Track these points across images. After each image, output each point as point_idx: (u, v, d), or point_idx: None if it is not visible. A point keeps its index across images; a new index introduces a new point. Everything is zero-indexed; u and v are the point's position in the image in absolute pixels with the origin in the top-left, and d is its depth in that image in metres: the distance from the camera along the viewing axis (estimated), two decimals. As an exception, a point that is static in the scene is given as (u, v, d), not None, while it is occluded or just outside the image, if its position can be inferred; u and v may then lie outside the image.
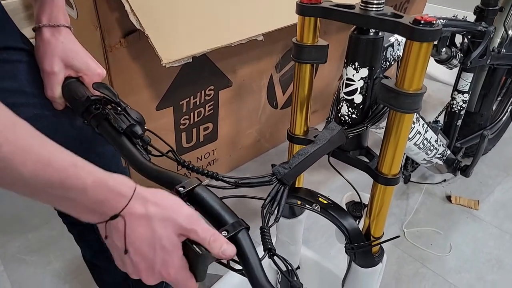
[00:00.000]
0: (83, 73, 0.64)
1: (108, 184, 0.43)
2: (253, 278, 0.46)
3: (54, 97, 0.63)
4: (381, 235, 0.73)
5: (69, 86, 0.64)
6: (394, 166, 0.64)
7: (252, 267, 0.46)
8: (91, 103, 0.62)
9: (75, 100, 0.64)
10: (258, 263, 0.47)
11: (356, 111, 0.67)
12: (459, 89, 1.24)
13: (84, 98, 0.62)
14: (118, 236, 0.44)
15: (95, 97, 0.62)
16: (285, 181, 0.62)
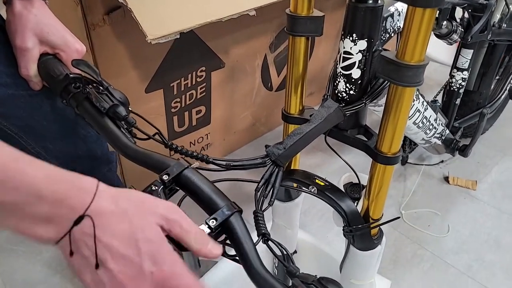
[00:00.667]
0: (60, 49, 0.60)
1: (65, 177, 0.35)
2: (248, 264, 0.43)
3: (29, 75, 0.59)
4: (380, 216, 0.71)
5: (45, 64, 0.60)
6: (394, 144, 0.61)
7: (246, 252, 0.43)
8: (70, 81, 0.58)
9: (53, 79, 0.59)
10: (253, 248, 0.44)
11: (354, 87, 0.63)
12: (459, 67, 1.20)
13: (62, 76, 0.58)
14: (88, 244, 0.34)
15: (75, 75, 0.58)
16: (279, 162, 0.59)
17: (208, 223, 0.44)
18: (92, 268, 0.35)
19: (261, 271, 0.43)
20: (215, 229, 0.44)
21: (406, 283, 1.15)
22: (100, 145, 0.75)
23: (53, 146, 0.68)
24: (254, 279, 0.43)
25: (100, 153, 0.76)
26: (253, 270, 0.43)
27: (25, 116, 0.63)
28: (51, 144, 0.68)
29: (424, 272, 1.19)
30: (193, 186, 0.48)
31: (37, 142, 0.66)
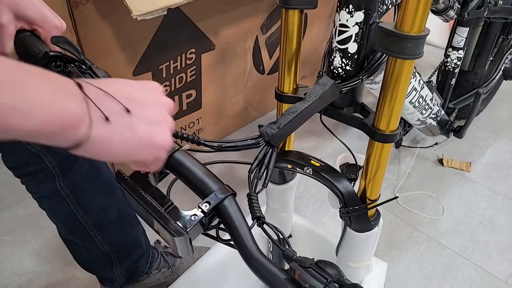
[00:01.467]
0: (39, 25, 0.56)
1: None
2: (243, 248, 0.41)
3: (5, 53, 0.55)
4: (377, 197, 0.69)
5: (23, 41, 0.56)
6: (392, 121, 0.59)
7: (241, 236, 0.41)
8: (50, 59, 0.54)
9: (31, 57, 0.56)
10: (248, 231, 0.42)
11: (350, 62, 0.60)
12: (454, 46, 1.18)
13: (42, 54, 0.54)
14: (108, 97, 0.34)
15: (55, 52, 0.55)
16: (273, 142, 0.56)
17: (201, 207, 0.42)
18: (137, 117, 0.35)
19: (257, 255, 0.40)
20: (209, 213, 0.42)
21: (402, 265, 1.15)
22: None
23: None
24: (250, 264, 0.41)
25: None
26: (249, 255, 0.40)
27: None
28: None
29: (419, 253, 1.18)
30: (184, 169, 0.46)
31: None
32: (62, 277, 1.13)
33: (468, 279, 1.12)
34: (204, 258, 0.88)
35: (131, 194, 0.43)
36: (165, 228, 0.40)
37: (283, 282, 0.39)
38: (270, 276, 0.39)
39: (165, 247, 1.09)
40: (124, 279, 0.96)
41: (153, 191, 0.42)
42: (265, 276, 0.40)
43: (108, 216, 0.85)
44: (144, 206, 0.41)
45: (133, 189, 0.42)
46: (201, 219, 0.41)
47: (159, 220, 0.40)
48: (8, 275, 1.13)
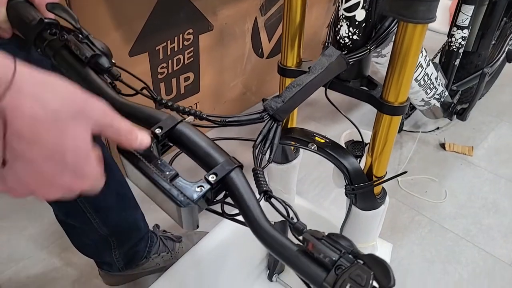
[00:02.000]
0: None
1: None
2: (252, 220, 0.39)
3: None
4: (384, 174, 0.67)
5: (15, 7, 0.53)
6: (402, 92, 0.56)
7: (250, 209, 0.39)
8: (45, 27, 0.51)
9: (25, 24, 0.53)
10: (256, 203, 0.39)
11: (357, 31, 0.58)
12: (459, 25, 1.15)
13: (36, 21, 0.52)
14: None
15: (50, 20, 0.52)
16: (278, 117, 0.54)
17: (207, 178, 0.40)
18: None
19: (268, 228, 0.38)
20: (216, 184, 0.39)
21: (405, 248, 1.13)
22: None
23: None
24: (260, 236, 0.38)
25: None
26: (259, 227, 0.38)
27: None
28: None
29: (422, 237, 1.16)
30: (188, 141, 0.43)
31: None
32: (59, 262, 1.11)
33: (472, 262, 1.10)
34: (205, 241, 0.86)
35: (133, 164, 0.40)
36: (171, 199, 0.38)
37: (296, 254, 0.36)
38: (281, 248, 0.37)
39: (164, 232, 1.07)
40: (123, 263, 0.94)
41: (157, 161, 0.40)
42: (276, 249, 0.37)
43: (106, 198, 0.82)
44: (148, 176, 0.39)
45: (136, 159, 0.40)
46: (208, 191, 0.39)
47: (164, 191, 0.38)
48: (4, 261, 1.11)
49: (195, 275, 0.82)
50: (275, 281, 0.99)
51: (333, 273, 0.35)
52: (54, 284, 1.07)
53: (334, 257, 0.35)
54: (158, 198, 0.41)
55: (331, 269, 0.35)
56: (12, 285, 1.06)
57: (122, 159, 0.42)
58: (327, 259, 0.35)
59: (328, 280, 0.35)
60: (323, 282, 0.35)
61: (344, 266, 0.35)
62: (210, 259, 0.85)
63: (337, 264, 0.35)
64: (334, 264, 0.35)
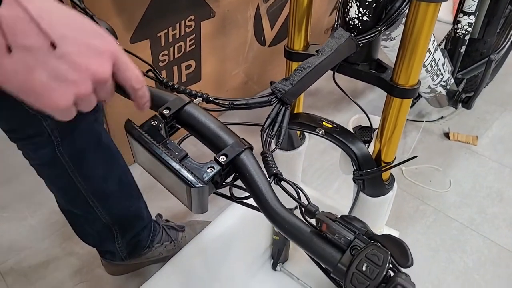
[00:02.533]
0: None
1: None
2: (263, 202, 0.38)
3: None
4: (393, 159, 0.65)
5: None
6: (413, 74, 0.55)
7: (261, 191, 0.38)
8: None
9: None
10: (268, 185, 0.38)
11: (367, 12, 0.56)
12: (465, 11, 1.13)
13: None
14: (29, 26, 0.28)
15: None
16: (286, 100, 0.53)
17: (217, 159, 0.39)
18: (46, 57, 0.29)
19: (280, 209, 0.37)
20: (226, 166, 0.38)
21: (410, 237, 1.12)
22: None
23: None
24: (272, 218, 0.37)
25: None
26: (270, 209, 0.37)
27: None
28: None
29: (427, 226, 1.16)
30: (197, 123, 0.42)
31: None
32: (61, 252, 1.10)
33: (477, 251, 1.09)
34: (209, 229, 0.85)
35: (142, 145, 0.39)
36: (181, 179, 0.36)
37: (309, 236, 0.35)
38: (294, 230, 0.36)
39: (167, 221, 1.06)
40: (126, 252, 0.93)
41: (166, 142, 0.39)
42: (289, 231, 0.36)
43: (109, 186, 0.81)
44: (157, 157, 0.38)
45: (144, 139, 0.39)
46: (218, 172, 0.38)
47: (174, 171, 0.37)
48: (6, 250, 1.10)
49: (199, 264, 0.81)
50: (279, 270, 0.98)
51: (349, 253, 0.34)
52: (56, 273, 1.06)
53: (349, 237, 0.34)
54: (166, 179, 0.40)
55: (346, 250, 0.34)
56: (14, 275, 1.05)
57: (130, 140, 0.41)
58: (342, 239, 0.34)
59: (343, 261, 0.34)
60: (338, 263, 0.34)
61: (360, 247, 0.34)
62: (214, 248, 0.84)
63: (352, 245, 0.34)
64: (349, 244, 0.34)
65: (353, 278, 0.33)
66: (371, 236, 0.35)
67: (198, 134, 0.43)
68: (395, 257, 0.34)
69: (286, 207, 0.38)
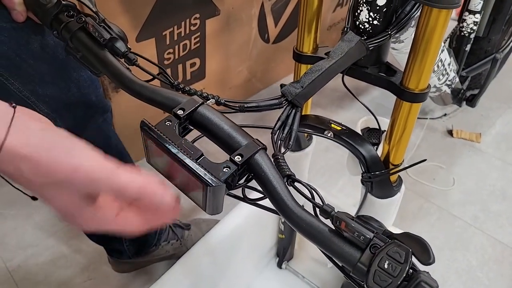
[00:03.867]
0: None
1: None
2: (280, 202, 0.38)
3: (13, 2, 0.51)
4: (401, 162, 0.66)
5: None
6: (423, 78, 0.55)
7: (276, 190, 0.38)
8: (63, 9, 0.50)
9: (41, 6, 0.52)
10: (284, 185, 0.39)
11: (378, 16, 0.56)
12: (471, 9, 1.13)
13: (53, 3, 0.51)
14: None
15: (67, 2, 0.51)
16: (296, 102, 0.53)
17: (233, 159, 0.39)
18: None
19: (296, 208, 0.37)
20: (242, 165, 0.38)
21: (414, 235, 1.13)
22: (94, 90, 0.67)
23: (42, 90, 0.60)
24: (289, 218, 0.38)
25: (95, 99, 0.68)
26: (287, 209, 0.37)
27: (10, 54, 0.55)
28: (40, 87, 0.60)
29: (431, 224, 1.16)
30: (210, 123, 0.42)
31: (25, 84, 0.59)
32: (67, 250, 1.11)
33: (480, 249, 1.10)
34: (216, 229, 0.85)
35: (157, 144, 0.39)
36: (198, 178, 0.36)
37: (328, 235, 0.36)
38: (312, 229, 0.36)
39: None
40: (133, 251, 0.94)
41: (181, 142, 0.39)
42: (307, 230, 0.37)
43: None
44: (173, 156, 0.38)
45: (160, 138, 0.39)
46: (235, 171, 0.38)
47: (191, 169, 0.37)
48: (13, 248, 1.11)
49: (207, 263, 0.82)
50: (284, 268, 0.99)
51: (369, 252, 0.34)
52: (64, 271, 1.07)
53: (369, 235, 0.34)
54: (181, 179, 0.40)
55: (366, 248, 0.34)
56: (22, 272, 1.06)
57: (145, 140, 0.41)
58: (362, 237, 0.34)
59: (363, 260, 0.34)
60: (358, 262, 0.34)
61: (379, 245, 0.34)
62: (221, 247, 0.84)
63: (372, 244, 0.34)
64: (368, 243, 0.34)
65: (375, 276, 0.33)
66: (390, 234, 0.35)
67: (212, 135, 0.43)
68: (416, 254, 0.34)
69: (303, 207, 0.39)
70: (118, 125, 1.18)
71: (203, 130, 0.43)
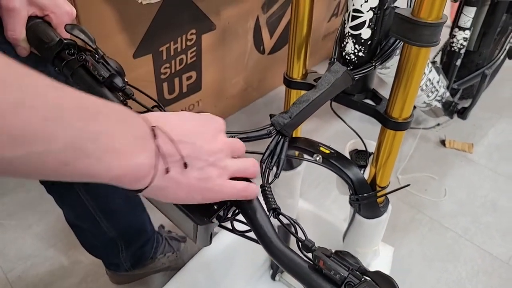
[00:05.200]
0: (50, 11, 0.54)
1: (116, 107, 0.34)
2: (265, 238, 0.41)
3: (17, 39, 0.54)
4: (387, 184, 0.68)
5: (35, 28, 0.55)
6: (406, 109, 0.58)
7: (262, 227, 0.41)
8: (65, 47, 0.53)
9: (44, 44, 0.54)
10: (268, 222, 0.41)
11: (363, 48, 0.59)
12: (460, 26, 1.15)
13: (55, 42, 0.53)
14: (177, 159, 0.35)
15: (68, 40, 0.53)
16: (285, 132, 0.55)
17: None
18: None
19: (280, 245, 0.40)
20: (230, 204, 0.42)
21: (405, 247, 1.16)
22: None
23: None
24: (272, 253, 0.40)
25: None
26: (271, 245, 0.40)
27: None
28: None
29: (422, 236, 1.19)
30: None
31: None
32: (66, 261, 1.14)
33: (470, 261, 1.13)
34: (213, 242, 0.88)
35: None
36: (188, 216, 0.39)
37: (307, 271, 0.38)
38: (293, 265, 0.39)
39: (169, 232, 1.09)
40: (130, 264, 0.96)
41: None
42: (288, 265, 0.39)
43: (115, 202, 0.84)
44: None
45: None
46: (223, 209, 0.41)
47: (181, 208, 0.40)
48: (12, 259, 1.13)
49: (203, 278, 0.84)
50: (278, 280, 1.02)
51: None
52: (63, 282, 1.09)
53: (344, 273, 0.37)
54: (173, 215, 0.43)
55: (341, 286, 0.37)
56: (22, 283, 1.09)
57: None
58: (338, 276, 0.37)
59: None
60: None
61: (353, 283, 0.37)
62: (217, 261, 0.87)
63: (346, 281, 0.37)
64: (344, 280, 0.37)
65: None
66: (364, 272, 0.38)
67: None
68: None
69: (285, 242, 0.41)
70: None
71: None
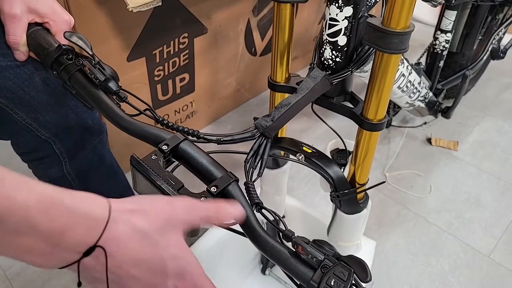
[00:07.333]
0: (49, 19, 0.59)
1: (65, 202, 0.31)
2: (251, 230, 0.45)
3: (17, 43, 0.58)
4: (366, 181, 0.73)
5: (35, 34, 0.59)
6: (379, 111, 0.62)
7: (248, 219, 0.45)
8: (63, 52, 0.57)
9: (43, 49, 0.59)
10: (252, 213, 0.46)
11: (340, 54, 0.63)
12: (442, 29, 1.20)
13: (54, 47, 0.58)
14: (100, 275, 0.32)
15: (67, 46, 0.58)
16: (267, 134, 0.60)
17: (209, 190, 0.46)
18: None
19: (263, 234, 0.44)
20: (216, 195, 0.45)
21: (390, 242, 1.20)
22: (91, 115, 0.75)
23: (43, 117, 0.68)
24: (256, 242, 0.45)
25: (91, 123, 0.76)
26: (256, 234, 0.44)
27: (15, 88, 0.62)
28: (41, 115, 0.67)
29: (407, 231, 1.23)
30: (190, 158, 0.50)
31: (27, 113, 0.66)
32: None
33: (453, 254, 1.18)
34: (202, 239, 0.92)
35: (145, 176, 0.46)
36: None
37: (287, 257, 0.43)
38: (274, 251, 0.43)
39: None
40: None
41: (165, 174, 0.46)
42: (269, 252, 0.44)
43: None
44: (158, 187, 0.45)
45: (147, 171, 0.46)
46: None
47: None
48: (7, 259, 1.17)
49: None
50: (268, 274, 1.06)
51: (319, 271, 0.41)
52: (60, 278, 1.13)
53: (320, 257, 0.41)
54: None
55: (317, 268, 0.42)
56: (20, 280, 1.12)
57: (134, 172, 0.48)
58: (314, 259, 0.42)
59: (315, 278, 0.41)
60: (310, 280, 0.41)
61: (328, 266, 0.41)
62: (208, 255, 0.91)
63: (322, 264, 0.41)
64: (320, 264, 0.41)
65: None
66: (338, 257, 0.43)
67: (191, 167, 0.50)
68: (357, 273, 0.42)
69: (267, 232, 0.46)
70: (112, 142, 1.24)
71: (184, 163, 0.50)
